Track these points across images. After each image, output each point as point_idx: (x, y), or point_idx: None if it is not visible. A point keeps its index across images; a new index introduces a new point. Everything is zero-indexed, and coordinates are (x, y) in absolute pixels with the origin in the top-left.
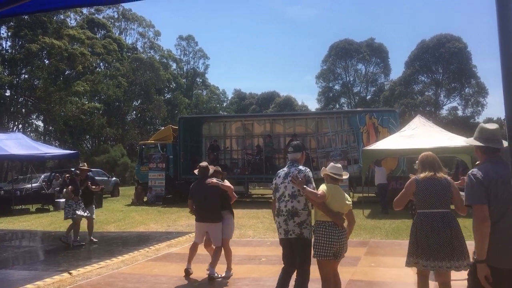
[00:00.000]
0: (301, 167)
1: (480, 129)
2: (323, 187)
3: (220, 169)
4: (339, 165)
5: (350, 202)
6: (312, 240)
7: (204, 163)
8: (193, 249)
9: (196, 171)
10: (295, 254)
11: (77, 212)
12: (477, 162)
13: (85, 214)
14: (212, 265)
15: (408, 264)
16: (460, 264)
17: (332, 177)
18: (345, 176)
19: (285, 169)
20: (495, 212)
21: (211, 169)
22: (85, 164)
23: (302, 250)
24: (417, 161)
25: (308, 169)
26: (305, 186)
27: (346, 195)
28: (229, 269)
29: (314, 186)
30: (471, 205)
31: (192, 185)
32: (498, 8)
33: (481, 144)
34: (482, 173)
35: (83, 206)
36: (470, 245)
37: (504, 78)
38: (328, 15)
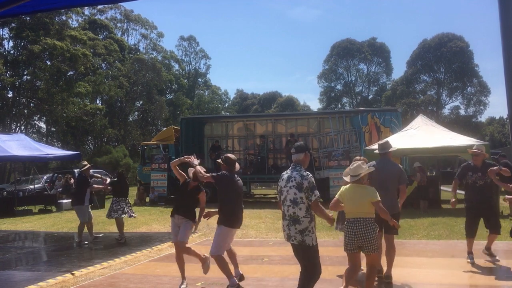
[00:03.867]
0: (303, 172)
1: (382, 143)
2: (338, 193)
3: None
4: (356, 164)
5: (373, 197)
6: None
7: (233, 156)
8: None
9: (221, 161)
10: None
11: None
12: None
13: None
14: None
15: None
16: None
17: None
18: (360, 171)
19: (288, 171)
20: (378, 185)
21: (238, 166)
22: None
23: (306, 256)
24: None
25: (311, 175)
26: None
27: (370, 190)
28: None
29: (318, 193)
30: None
31: (222, 175)
32: (501, 7)
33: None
34: (375, 165)
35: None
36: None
37: (507, 77)
38: (330, 16)
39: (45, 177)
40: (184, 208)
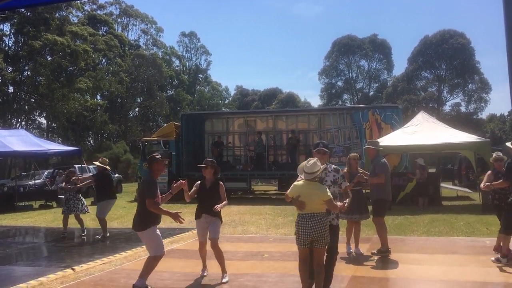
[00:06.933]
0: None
1: (373, 141)
2: (289, 190)
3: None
4: (312, 161)
5: (326, 195)
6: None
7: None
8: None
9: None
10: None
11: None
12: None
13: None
14: None
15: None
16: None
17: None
18: (316, 169)
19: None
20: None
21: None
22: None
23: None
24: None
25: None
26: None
27: (322, 188)
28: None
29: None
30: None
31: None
32: (505, 4)
33: (375, 148)
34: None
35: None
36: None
37: (510, 74)
38: (331, 12)
39: (45, 173)
40: (210, 207)
